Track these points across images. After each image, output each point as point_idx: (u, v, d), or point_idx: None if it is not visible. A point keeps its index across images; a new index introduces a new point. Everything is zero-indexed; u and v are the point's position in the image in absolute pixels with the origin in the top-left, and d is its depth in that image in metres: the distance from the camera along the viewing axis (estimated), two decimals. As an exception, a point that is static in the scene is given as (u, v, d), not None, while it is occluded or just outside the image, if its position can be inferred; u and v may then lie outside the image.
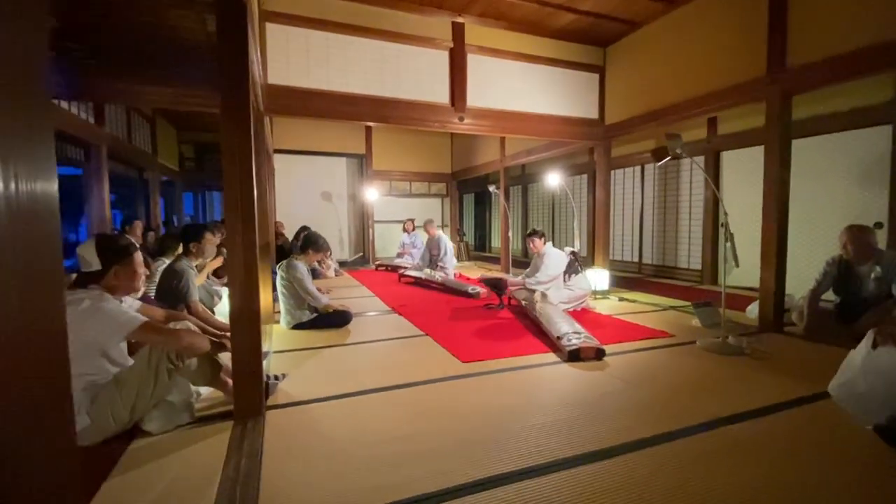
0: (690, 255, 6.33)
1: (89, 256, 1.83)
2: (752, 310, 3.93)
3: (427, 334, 3.58)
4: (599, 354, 2.92)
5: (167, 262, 3.50)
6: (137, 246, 2.08)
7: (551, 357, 2.99)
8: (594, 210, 6.48)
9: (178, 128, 9.45)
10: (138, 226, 5.27)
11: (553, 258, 4.56)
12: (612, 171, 6.74)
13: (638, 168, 7.11)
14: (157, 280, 3.37)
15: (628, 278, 6.55)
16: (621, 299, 5.07)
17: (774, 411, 2.13)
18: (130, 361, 1.94)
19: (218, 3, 2.03)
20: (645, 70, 5.08)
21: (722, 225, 3.25)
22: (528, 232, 4.80)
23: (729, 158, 5.82)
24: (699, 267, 6.18)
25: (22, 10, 0.65)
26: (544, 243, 4.68)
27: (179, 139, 9.83)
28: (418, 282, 6.30)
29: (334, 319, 3.85)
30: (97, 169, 5.55)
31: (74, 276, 1.89)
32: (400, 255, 8.16)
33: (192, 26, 3.95)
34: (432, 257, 6.93)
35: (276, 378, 2.53)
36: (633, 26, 5.14)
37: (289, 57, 4.22)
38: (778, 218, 3.59)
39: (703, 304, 3.92)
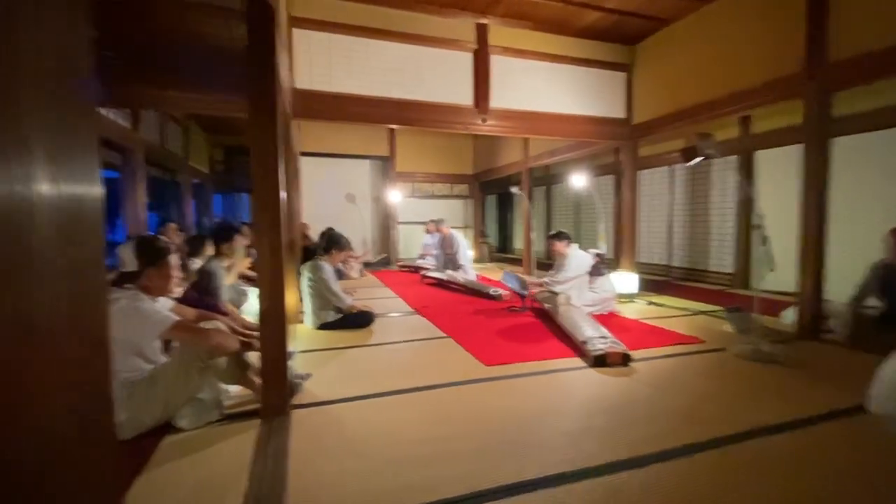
0: (722, 258, 6.13)
1: (128, 257, 1.90)
2: (788, 315, 3.77)
3: (449, 336, 3.58)
4: (626, 360, 2.85)
5: (198, 262, 3.61)
6: (174, 249, 2.15)
7: (576, 362, 2.94)
8: (620, 212, 6.35)
9: (208, 131, 9.74)
10: (172, 228, 5.45)
11: (574, 260, 4.47)
12: (640, 172, 6.59)
13: (666, 168, 6.93)
14: (190, 280, 3.47)
15: (657, 281, 6.39)
16: (649, 303, 4.95)
17: (811, 423, 2.04)
18: (164, 359, 2.01)
19: (247, 10, 2.09)
20: (674, 68, 4.95)
21: (756, 226, 3.13)
22: (550, 234, 4.73)
23: (763, 158, 5.61)
24: (731, 270, 5.97)
25: (68, 22, 0.68)
26: (567, 246, 4.60)
27: (210, 142, 10.13)
28: (440, 283, 6.30)
29: (358, 320, 3.89)
30: (133, 172, 5.78)
31: (113, 275, 1.97)
32: (422, 257, 8.18)
33: (223, 34, 4.07)
34: (447, 256, 6.89)
35: (301, 377, 2.57)
36: (662, 23, 5.01)
37: (315, 62, 4.29)
38: (817, 219, 3.43)
39: (735, 308, 3.78)
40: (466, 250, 6.85)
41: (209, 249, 3.69)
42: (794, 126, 4.66)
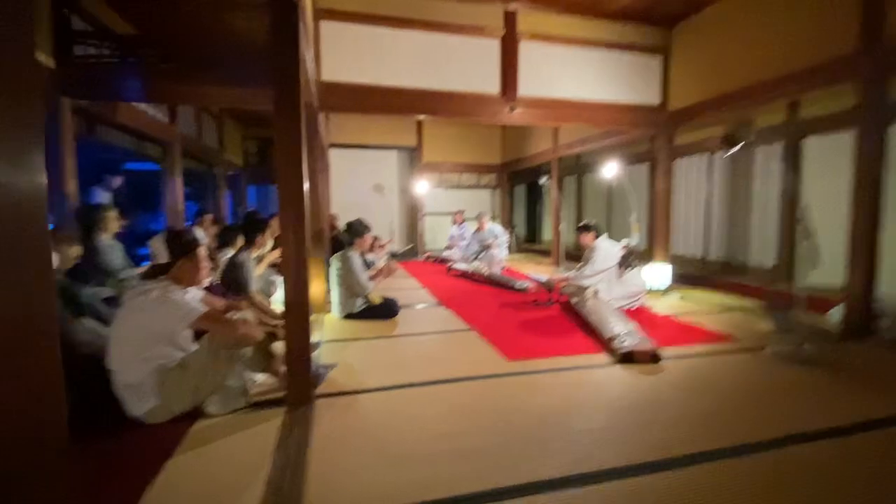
0: (763, 252, 5.81)
1: (159, 249, 1.97)
2: (835, 314, 3.55)
3: (473, 329, 3.56)
4: (655, 358, 2.76)
5: (230, 252, 3.72)
6: (202, 242, 2.22)
7: (602, 358, 2.87)
8: (654, 202, 6.12)
9: (242, 125, 9.99)
10: (208, 218, 5.64)
11: (602, 252, 4.32)
12: (676, 160, 6.31)
13: (705, 157, 6.60)
14: (220, 270, 3.59)
15: (691, 275, 6.13)
16: (682, 297, 4.77)
17: (856, 431, 1.91)
18: (195, 347, 2.09)
19: (270, 3, 2.10)
20: (716, 50, 4.68)
21: (800, 220, 2.94)
22: (578, 226, 4.60)
23: (810, 146, 5.25)
24: (772, 265, 5.66)
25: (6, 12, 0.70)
26: (595, 237, 4.47)
27: (244, 135, 10.40)
28: (466, 275, 6.28)
29: (383, 311, 3.93)
30: (172, 165, 6.00)
31: (146, 268, 2.05)
32: (449, 248, 8.17)
33: (251, 27, 4.14)
34: (484, 248, 6.84)
35: (326, 367, 2.62)
36: (704, 3, 4.73)
37: (341, 53, 4.30)
38: (869, 211, 3.19)
39: (775, 305, 3.59)
40: (505, 244, 6.81)
41: (240, 240, 3.79)
42: (847, 111, 4.34)
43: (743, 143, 4.03)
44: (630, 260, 4.33)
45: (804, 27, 3.72)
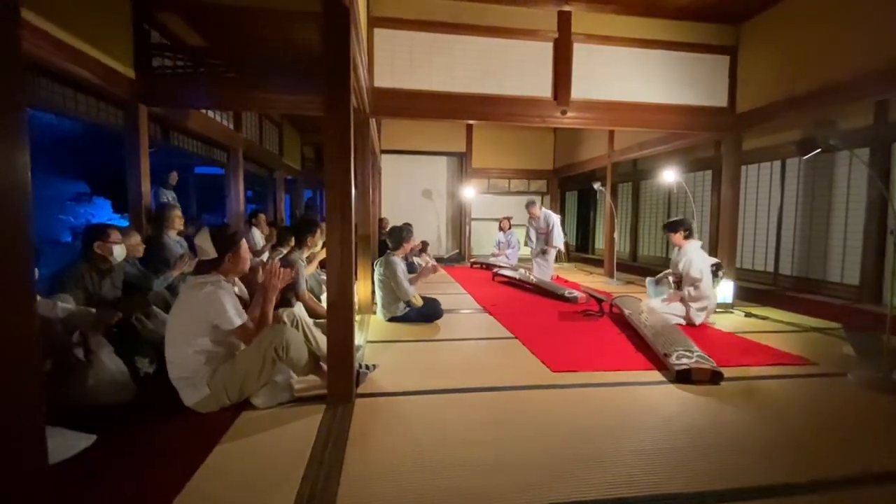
0: (844, 268, 5.25)
1: (206, 245, 2.08)
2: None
3: (517, 337, 3.47)
4: (715, 378, 2.54)
5: (284, 251, 3.88)
6: (256, 239, 2.32)
7: (655, 375, 2.69)
8: (719, 211, 5.73)
9: (301, 131, 10.48)
10: (263, 218, 5.94)
11: (696, 263, 3.84)
12: (744, 167, 5.87)
13: (777, 163, 6.10)
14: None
15: (758, 291, 5.66)
16: (748, 315, 4.40)
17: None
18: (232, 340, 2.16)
19: (324, 13, 2.16)
20: (790, 48, 4.32)
21: (892, 232, 2.61)
22: (666, 223, 4.14)
23: (906, 150, 4.69)
24: (856, 282, 5.10)
25: None
26: (686, 237, 3.97)
27: (302, 141, 10.89)
28: (512, 282, 6.17)
29: (426, 313, 3.93)
30: (235, 168, 6.38)
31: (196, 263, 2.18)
32: (495, 255, 8.09)
33: (308, 37, 4.32)
34: (540, 234, 6.37)
35: (368, 368, 2.63)
36: (776, -2, 4.39)
37: (394, 60, 4.39)
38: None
39: (859, 327, 3.22)
40: (560, 231, 6.31)
41: (292, 241, 3.94)
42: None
43: (822, 147, 3.66)
44: (719, 276, 3.97)
45: (892, 18, 3.33)
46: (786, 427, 2.04)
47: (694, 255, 3.88)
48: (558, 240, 6.26)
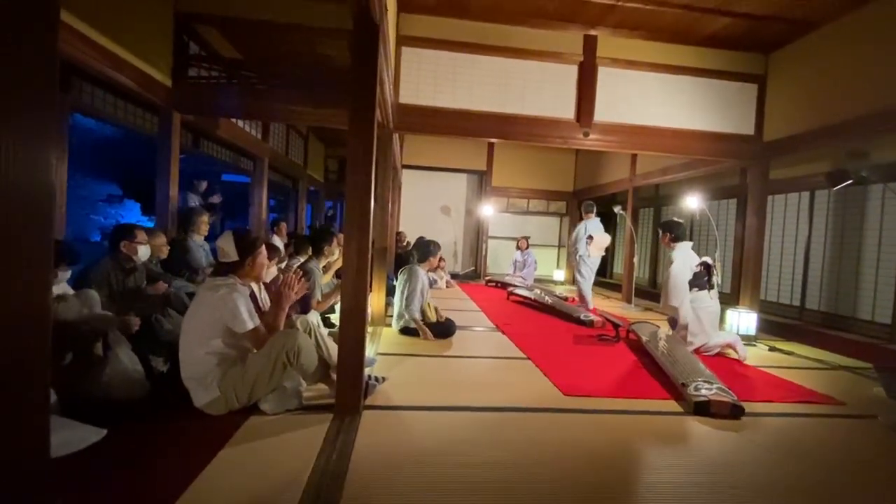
0: (876, 305, 5.03)
1: (228, 248, 2.12)
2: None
3: (529, 358, 3.41)
4: (735, 412, 2.43)
5: (301, 260, 3.93)
6: (278, 246, 2.36)
7: (671, 406, 2.60)
8: (743, 241, 5.59)
9: (325, 144, 10.71)
10: (283, 227, 6.05)
11: (672, 281, 3.66)
12: (770, 197, 5.74)
13: (805, 194, 5.94)
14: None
15: (783, 324, 5.46)
16: (772, 349, 4.25)
17: None
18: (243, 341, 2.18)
19: (354, 29, 2.23)
20: (821, 77, 4.25)
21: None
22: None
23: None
24: (888, 321, 4.87)
25: (29, 18, 0.71)
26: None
27: (326, 154, 11.13)
28: (527, 302, 6.10)
29: (439, 329, 3.90)
30: (260, 177, 6.54)
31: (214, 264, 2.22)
32: (511, 274, 8.04)
33: (337, 53, 4.45)
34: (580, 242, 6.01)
35: (377, 380, 2.62)
36: (808, 27, 4.34)
37: (419, 77, 4.48)
38: None
39: (891, 368, 3.06)
40: (583, 238, 5.93)
41: (309, 249, 3.99)
42: None
43: (853, 179, 3.56)
44: (704, 280, 3.74)
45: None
46: (810, 470, 1.93)
47: (674, 270, 3.69)
48: (581, 247, 5.86)
